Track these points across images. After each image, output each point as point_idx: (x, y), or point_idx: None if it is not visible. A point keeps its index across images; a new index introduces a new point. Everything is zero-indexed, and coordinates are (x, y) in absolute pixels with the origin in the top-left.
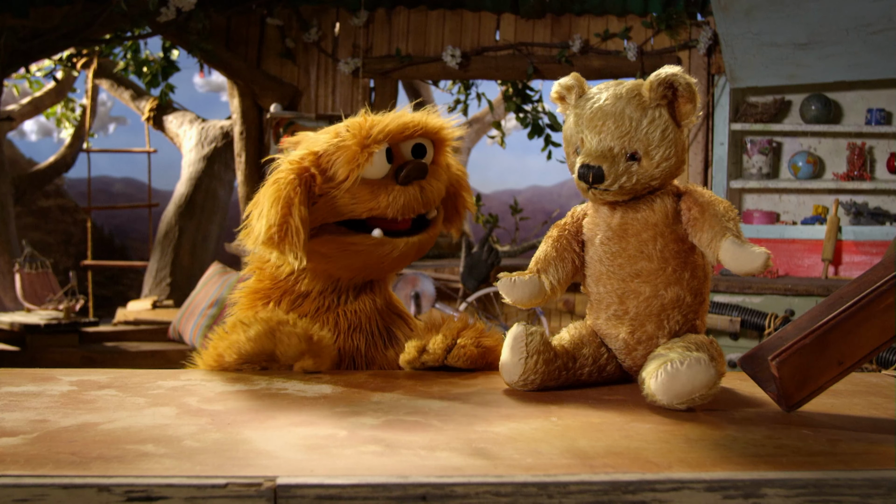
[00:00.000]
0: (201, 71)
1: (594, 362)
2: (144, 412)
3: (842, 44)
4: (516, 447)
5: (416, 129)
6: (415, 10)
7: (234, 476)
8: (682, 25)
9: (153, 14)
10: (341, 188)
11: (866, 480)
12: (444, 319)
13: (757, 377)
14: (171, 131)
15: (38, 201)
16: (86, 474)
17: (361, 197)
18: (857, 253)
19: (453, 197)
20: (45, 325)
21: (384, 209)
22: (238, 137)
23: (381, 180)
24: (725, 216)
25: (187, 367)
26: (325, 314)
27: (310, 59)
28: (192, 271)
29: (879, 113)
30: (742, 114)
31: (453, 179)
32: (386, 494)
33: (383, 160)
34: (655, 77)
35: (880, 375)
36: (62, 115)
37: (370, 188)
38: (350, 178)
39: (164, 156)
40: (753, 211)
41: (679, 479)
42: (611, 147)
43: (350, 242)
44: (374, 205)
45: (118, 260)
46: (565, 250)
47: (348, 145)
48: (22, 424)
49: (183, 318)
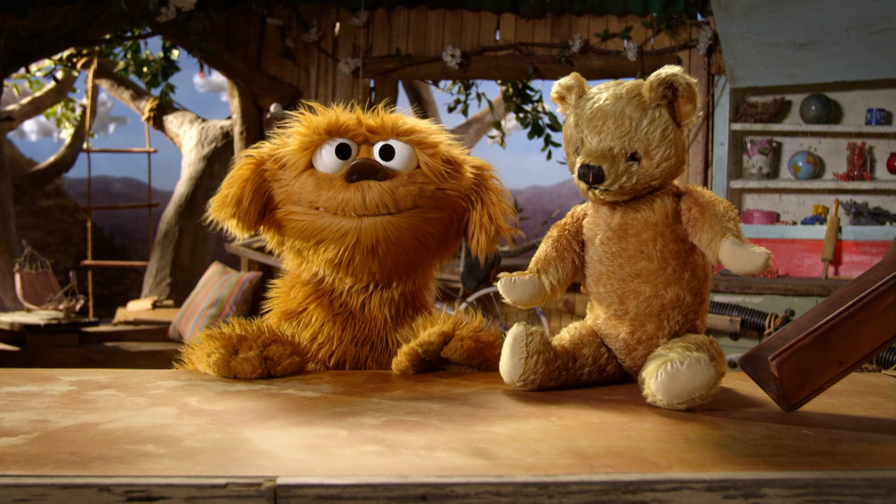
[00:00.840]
0: (201, 71)
1: (594, 362)
2: (144, 412)
3: (842, 44)
4: (516, 447)
5: (371, 126)
6: (415, 10)
7: (234, 476)
8: (682, 25)
9: (153, 14)
10: (288, 175)
11: (866, 480)
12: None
13: (757, 377)
14: (171, 131)
15: (38, 201)
16: (86, 474)
17: (306, 187)
18: (857, 253)
19: (466, 208)
20: (45, 325)
21: (324, 202)
22: (238, 137)
23: (331, 175)
24: (725, 216)
25: (177, 366)
26: (336, 317)
27: (310, 59)
28: (192, 271)
29: (879, 113)
30: (742, 114)
31: (466, 188)
32: (386, 494)
33: (331, 155)
34: (655, 77)
35: (880, 375)
36: (62, 115)
37: (316, 181)
38: (295, 167)
39: (164, 156)
40: (753, 211)
41: (679, 479)
42: (611, 147)
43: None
44: (316, 197)
45: (118, 260)
46: (565, 250)
47: (297, 134)
48: (22, 424)
49: (183, 318)
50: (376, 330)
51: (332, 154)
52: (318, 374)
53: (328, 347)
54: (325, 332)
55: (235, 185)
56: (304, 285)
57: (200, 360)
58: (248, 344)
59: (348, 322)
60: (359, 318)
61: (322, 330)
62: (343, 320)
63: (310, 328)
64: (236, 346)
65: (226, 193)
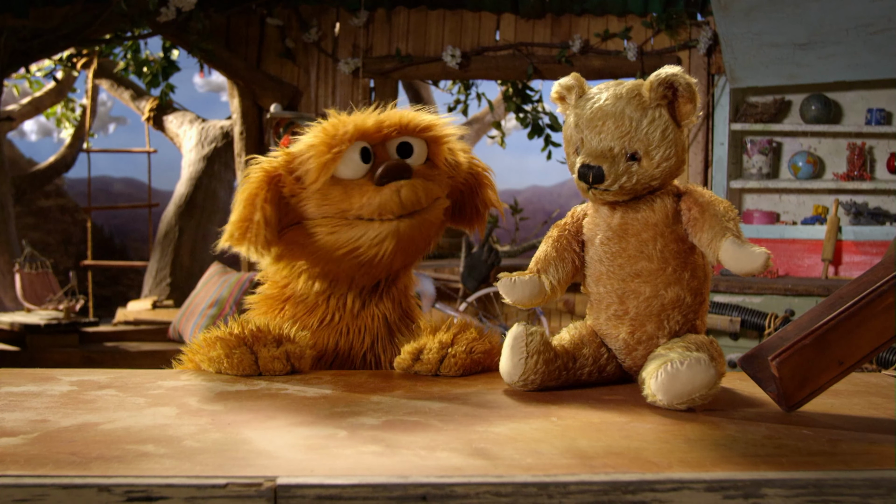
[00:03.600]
0: (201, 71)
1: (594, 362)
2: (144, 412)
3: (842, 44)
4: (516, 447)
5: (392, 128)
6: (415, 10)
7: (234, 476)
8: (682, 25)
9: (153, 14)
10: (310, 189)
11: (866, 480)
12: (444, 321)
13: (757, 377)
14: (171, 131)
15: (38, 201)
16: (86, 474)
17: (333, 198)
18: (857, 253)
19: (470, 195)
20: (45, 325)
21: (358, 210)
22: (238, 137)
23: (357, 180)
24: (725, 216)
25: (176, 366)
26: (331, 325)
27: (310, 59)
28: (192, 271)
29: (879, 113)
30: (742, 114)
31: (467, 177)
32: (386, 494)
33: (356, 160)
34: (655, 77)
35: (880, 375)
36: (62, 115)
37: (343, 188)
38: (319, 180)
39: (164, 156)
40: (753, 211)
41: (679, 479)
42: (611, 147)
43: (315, 225)
44: (348, 205)
45: (118, 260)
46: (565, 250)
47: (317, 145)
48: (22, 424)
49: (183, 318)
50: (373, 331)
51: (358, 159)
52: (318, 374)
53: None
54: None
55: (253, 206)
56: (287, 300)
57: (204, 361)
58: (264, 340)
59: (341, 332)
60: (354, 322)
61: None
62: (335, 331)
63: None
64: (252, 346)
65: (244, 215)
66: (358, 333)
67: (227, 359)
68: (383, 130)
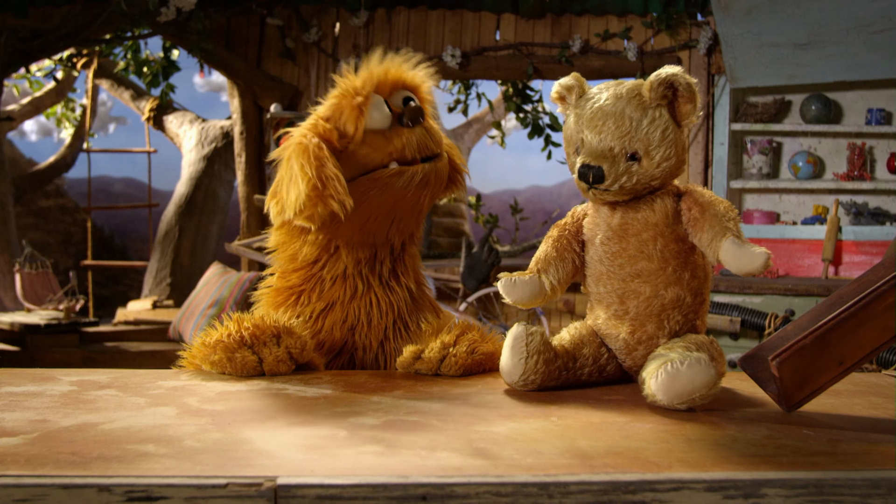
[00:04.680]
0: (201, 71)
1: (594, 362)
2: (144, 412)
3: (842, 44)
4: (516, 447)
5: (396, 79)
6: (415, 10)
7: (234, 476)
8: (682, 25)
9: (153, 14)
10: (355, 141)
11: (866, 480)
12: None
13: (757, 377)
14: (171, 131)
15: (38, 201)
16: (86, 474)
17: (377, 144)
18: (857, 253)
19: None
20: (45, 325)
21: (402, 150)
22: (238, 137)
23: (390, 129)
24: (725, 216)
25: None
26: (353, 300)
27: (310, 59)
28: (192, 271)
29: (879, 113)
30: (742, 114)
31: None
32: (386, 494)
33: (384, 109)
34: (655, 77)
35: (880, 375)
36: (62, 115)
37: (383, 136)
38: (359, 130)
39: (164, 156)
40: (753, 211)
41: (679, 479)
42: (611, 147)
43: (372, 179)
44: (392, 148)
45: (118, 260)
46: (565, 250)
47: (343, 104)
48: (22, 424)
49: (183, 318)
50: (399, 300)
51: (385, 108)
52: (318, 374)
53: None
54: (323, 318)
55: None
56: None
57: (206, 364)
58: (263, 339)
59: (371, 303)
60: (381, 298)
61: (321, 315)
62: (366, 301)
63: (306, 314)
64: (252, 346)
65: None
66: (388, 303)
67: (230, 363)
68: (389, 81)
